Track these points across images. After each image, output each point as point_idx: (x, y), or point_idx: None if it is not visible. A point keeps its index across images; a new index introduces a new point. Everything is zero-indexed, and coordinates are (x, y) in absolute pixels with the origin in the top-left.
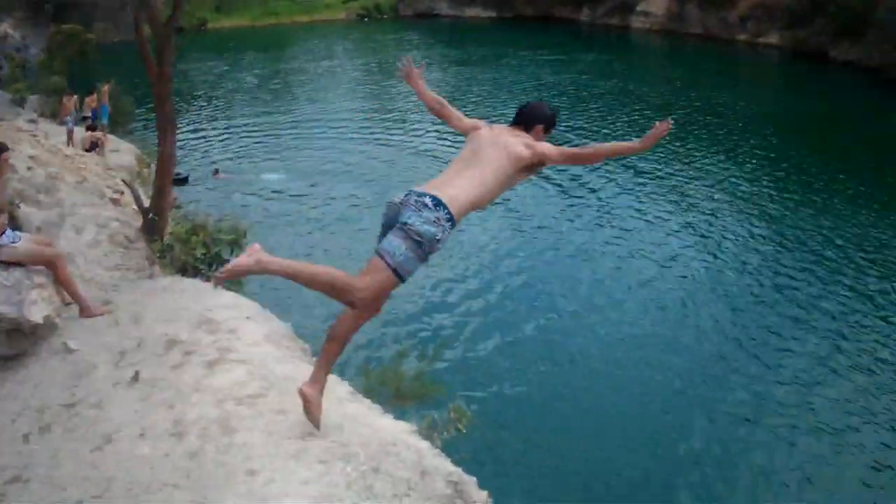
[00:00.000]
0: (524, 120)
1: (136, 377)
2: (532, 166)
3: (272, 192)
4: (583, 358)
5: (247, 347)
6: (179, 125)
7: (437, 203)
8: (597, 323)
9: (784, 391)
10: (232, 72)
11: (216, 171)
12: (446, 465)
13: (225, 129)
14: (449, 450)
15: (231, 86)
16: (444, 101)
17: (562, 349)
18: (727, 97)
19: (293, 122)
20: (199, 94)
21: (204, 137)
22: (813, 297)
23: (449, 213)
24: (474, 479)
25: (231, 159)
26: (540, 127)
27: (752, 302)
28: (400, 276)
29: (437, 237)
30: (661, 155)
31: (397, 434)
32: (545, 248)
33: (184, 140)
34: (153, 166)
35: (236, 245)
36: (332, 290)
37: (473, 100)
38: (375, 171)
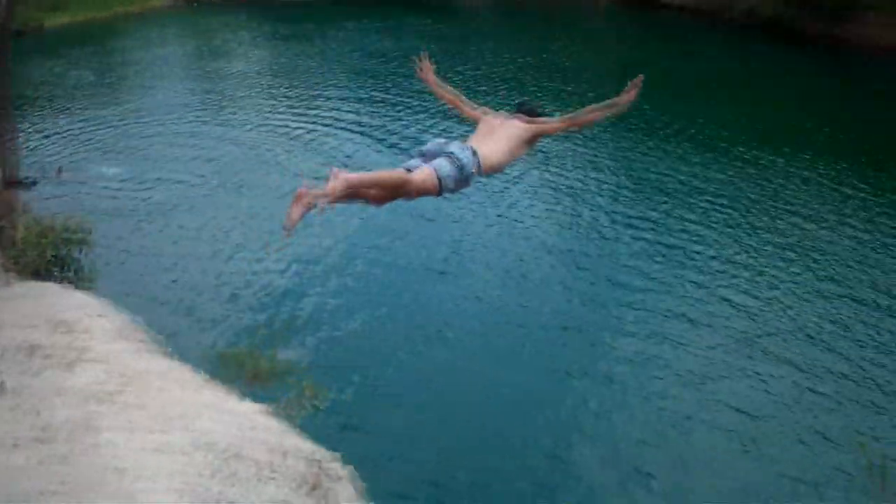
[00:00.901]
0: (521, 111)
1: (2, 387)
2: (533, 139)
3: (118, 183)
4: (441, 327)
5: (102, 345)
6: (24, 128)
7: (475, 153)
8: (454, 291)
9: (646, 345)
10: (71, 69)
11: (59, 170)
12: (307, 445)
13: (68, 127)
14: (310, 429)
15: (70, 83)
16: (458, 97)
17: (420, 321)
18: (557, 53)
19: (133, 112)
20: (38, 95)
21: (48, 138)
22: (666, 246)
23: (480, 163)
24: (337, 454)
25: (76, 157)
26: (533, 116)
27: (602, 257)
28: (440, 187)
29: (472, 172)
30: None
31: (255, 417)
32: (397, 221)
33: (33, 143)
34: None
35: (84, 243)
36: (399, 183)
37: (303, 74)
38: (217, 151)
